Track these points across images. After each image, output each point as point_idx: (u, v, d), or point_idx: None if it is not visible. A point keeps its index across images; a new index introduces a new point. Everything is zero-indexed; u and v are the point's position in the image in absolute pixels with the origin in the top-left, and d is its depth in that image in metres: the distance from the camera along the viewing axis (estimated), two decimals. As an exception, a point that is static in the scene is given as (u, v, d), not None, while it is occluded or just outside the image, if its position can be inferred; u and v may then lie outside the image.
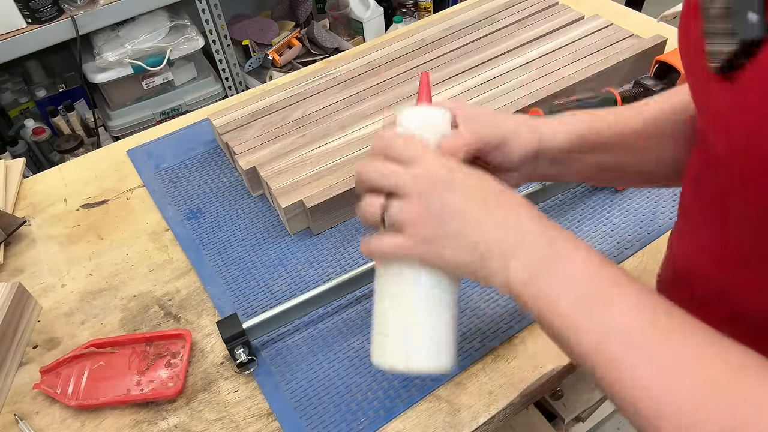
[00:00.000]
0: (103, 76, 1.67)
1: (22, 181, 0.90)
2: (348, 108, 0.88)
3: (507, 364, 0.62)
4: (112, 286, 0.74)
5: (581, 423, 1.12)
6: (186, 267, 0.75)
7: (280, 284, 0.72)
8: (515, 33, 0.98)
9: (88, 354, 0.65)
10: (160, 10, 1.69)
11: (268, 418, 0.60)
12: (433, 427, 0.58)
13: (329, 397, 0.61)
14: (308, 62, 1.94)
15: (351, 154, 0.80)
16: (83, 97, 1.88)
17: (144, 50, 1.66)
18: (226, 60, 1.87)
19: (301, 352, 0.65)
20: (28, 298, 0.70)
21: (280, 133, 0.85)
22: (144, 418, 0.61)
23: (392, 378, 0.61)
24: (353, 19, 2.08)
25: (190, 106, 1.86)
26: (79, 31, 1.54)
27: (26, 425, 0.61)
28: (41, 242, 0.81)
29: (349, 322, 0.67)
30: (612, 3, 1.11)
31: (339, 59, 1.00)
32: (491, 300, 0.67)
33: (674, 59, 0.79)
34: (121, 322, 0.70)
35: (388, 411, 0.59)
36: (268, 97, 0.92)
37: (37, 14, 1.49)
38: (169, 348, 0.65)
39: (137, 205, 0.85)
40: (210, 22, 1.77)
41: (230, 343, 0.60)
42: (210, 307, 0.70)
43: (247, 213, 0.82)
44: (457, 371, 0.62)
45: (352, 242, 0.76)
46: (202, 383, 0.63)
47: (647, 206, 0.75)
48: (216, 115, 0.90)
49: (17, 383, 0.65)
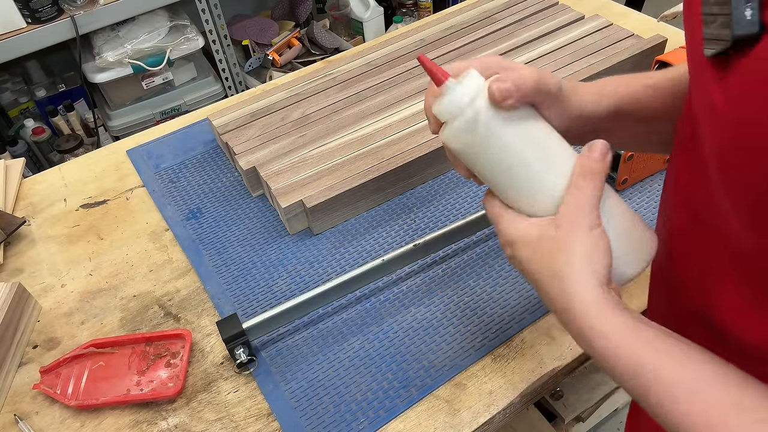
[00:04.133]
0: (103, 76, 1.67)
1: (21, 181, 0.90)
2: (348, 108, 0.88)
3: (507, 364, 0.62)
4: (111, 286, 0.74)
5: (581, 423, 1.12)
6: (186, 267, 0.75)
7: (280, 284, 0.72)
8: (515, 33, 0.98)
9: (87, 354, 0.65)
10: (160, 10, 1.69)
11: (268, 418, 0.60)
12: (433, 427, 0.58)
13: (329, 397, 0.61)
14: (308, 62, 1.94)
15: (351, 154, 0.80)
16: (83, 97, 1.88)
17: (144, 50, 1.66)
18: (226, 60, 1.87)
19: (301, 352, 0.65)
20: (28, 298, 0.70)
21: (280, 133, 0.85)
22: (144, 418, 0.61)
23: (392, 378, 0.61)
24: (353, 19, 2.08)
25: (190, 106, 1.86)
26: (79, 31, 1.54)
27: (26, 425, 0.61)
28: (41, 242, 0.81)
29: (349, 322, 0.67)
30: (612, 3, 1.11)
31: (339, 59, 1.00)
32: (491, 300, 0.67)
33: (674, 59, 0.79)
34: (121, 322, 0.70)
35: (388, 411, 0.59)
36: (268, 97, 0.92)
37: (36, 14, 1.49)
38: (169, 348, 0.65)
39: (137, 205, 0.84)
40: (210, 22, 1.77)
41: (230, 343, 0.60)
42: (210, 307, 0.70)
43: (247, 213, 0.82)
44: (457, 371, 0.62)
45: (352, 242, 0.76)
46: (202, 383, 0.63)
47: (647, 204, 0.75)
48: (216, 115, 0.90)
49: (17, 383, 0.65)
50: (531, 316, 0.66)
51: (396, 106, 0.87)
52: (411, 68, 0.94)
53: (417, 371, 0.62)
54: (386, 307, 0.68)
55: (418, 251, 0.69)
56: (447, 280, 0.70)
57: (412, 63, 0.95)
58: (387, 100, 0.89)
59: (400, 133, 0.83)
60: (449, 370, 0.62)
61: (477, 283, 0.69)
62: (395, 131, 0.83)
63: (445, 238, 0.70)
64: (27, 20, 1.50)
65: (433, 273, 0.71)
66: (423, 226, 0.77)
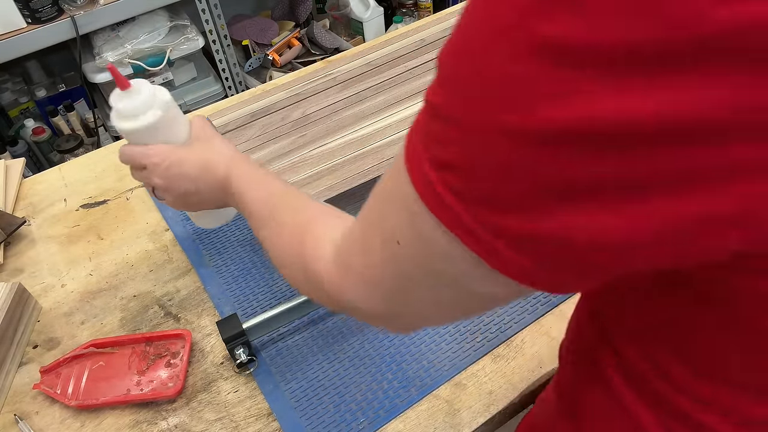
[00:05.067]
0: (103, 76, 1.66)
1: (22, 181, 0.90)
2: (348, 108, 0.88)
3: (507, 364, 0.62)
4: (111, 286, 0.74)
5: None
6: (186, 267, 0.75)
7: (280, 284, 0.72)
8: (515, 33, 0.98)
9: (88, 354, 0.65)
10: (160, 10, 1.69)
11: (268, 418, 0.60)
12: (433, 427, 0.58)
13: (329, 397, 0.61)
14: (308, 62, 1.94)
15: (351, 154, 0.80)
16: (83, 97, 1.88)
17: (144, 50, 1.66)
18: (226, 60, 1.87)
19: (301, 352, 0.65)
20: (28, 298, 0.70)
21: (280, 133, 0.85)
22: (144, 418, 0.61)
23: (392, 378, 0.61)
24: (353, 19, 2.08)
25: (190, 106, 1.86)
26: (79, 31, 1.54)
27: (26, 425, 0.61)
28: (41, 242, 0.81)
29: (349, 322, 0.67)
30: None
31: (339, 59, 1.00)
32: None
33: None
34: (121, 322, 0.70)
35: (388, 411, 0.59)
36: (268, 97, 0.92)
37: (37, 14, 1.49)
38: (169, 348, 0.65)
39: (137, 205, 0.84)
40: (210, 22, 1.76)
41: (230, 343, 0.60)
42: (210, 307, 0.70)
43: (247, 213, 0.82)
44: (457, 371, 0.62)
45: (352, 242, 0.76)
46: (202, 383, 0.63)
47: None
48: (216, 115, 0.90)
49: (17, 383, 0.65)
50: (531, 316, 0.66)
51: (396, 106, 0.87)
52: (411, 68, 0.94)
53: (417, 371, 0.62)
54: (386, 307, 0.68)
55: (418, 251, 0.69)
56: (447, 280, 0.70)
57: (412, 63, 0.95)
58: (387, 100, 0.89)
59: (400, 133, 0.83)
60: (449, 370, 0.62)
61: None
62: (395, 131, 0.83)
63: (445, 238, 0.70)
64: (27, 20, 1.49)
65: (433, 273, 0.71)
66: (423, 226, 0.77)
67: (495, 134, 0.23)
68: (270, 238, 0.49)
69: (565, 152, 0.22)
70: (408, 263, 0.31)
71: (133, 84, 0.57)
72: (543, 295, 0.67)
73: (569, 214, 0.23)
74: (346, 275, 0.37)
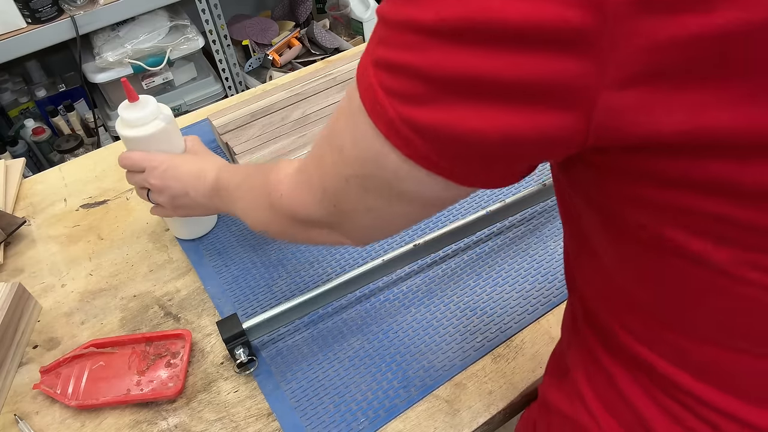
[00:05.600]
0: (103, 76, 1.67)
1: (22, 181, 0.90)
2: (348, 108, 0.88)
3: (507, 364, 0.62)
4: (111, 286, 0.74)
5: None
6: (186, 267, 0.75)
7: (280, 284, 0.72)
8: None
9: (88, 354, 0.65)
10: (160, 10, 1.69)
11: (268, 418, 0.60)
12: (433, 427, 0.58)
13: (329, 397, 0.61)
14: (308, 62, 1.94)
15: (351, 154, 0.80)
16: (83, 97, 1.88)
17: (144, 50, 1.66)
18: (226, 60, 1.87)
19: (301, 352, 0.65)
20: (28, 298, 0.70)
21: (280, 133, 0.85)
22: (144, 418, 0.61)
23: (392, 378, 0.61)
24: (353, 19, 2.08)
25: (190, 106, 1.86)
26: (79, 31, 1.54)
27: (26, 425, 0.61)
28: (41, 242, 0.81)
29: (349, 322, 0.67)
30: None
31: (339, 59, 1.00)
32: (491, 300, 0.67)
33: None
34: (121, 322, 0.70)
35: (388, 411, 0.59)
36: (268, 97, 0.92)
37: (37, 14, 1.49)
38: (169, 348, 0.65)
39: (137, 205, 0.84)
40: (210, 22, 1.77)
41: (230, 343, 0.60)
42: (210, 307, 0.70)
43: (247, 213, 0.82)
44: (457, 371, 0.62)
45: (352, 242, 0.76)
46: (202, 383, 0.63)
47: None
48: (216, 115, 0.90)
49: (17, 383, 0.65)
50: (531, 316, 0.66)
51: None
52: (411, 68, 0.94)
53: (417, 371, 0.62)
54: (386, 307, 0.68)
55: (418, 251, 0.69)
56: (447, 280, 0.70)
57: (412, 63, 0.95)
58: (387, 100, 0.89)
59: (400, 133, 0.83)
60: (449, 370, 0.62)
61: (477, 283, 0.69)
62: (395, 131, 0.83)
63: (445, 238, 0.70)
64: (27, 20, 1.50)
65: (433, 273, 0.71)
66: (423, 225, 0.77)
67: (407, 31, 0.27)
68: (244, 199, 0.54)
69: (452, 47, 0.25)
70: (348, 168, 0.35)
71: (141, 98, 0.65)
72: (543, 296, 0.67)
73: (454, 107, 0.27)
74: (304, 186, 0.42)
